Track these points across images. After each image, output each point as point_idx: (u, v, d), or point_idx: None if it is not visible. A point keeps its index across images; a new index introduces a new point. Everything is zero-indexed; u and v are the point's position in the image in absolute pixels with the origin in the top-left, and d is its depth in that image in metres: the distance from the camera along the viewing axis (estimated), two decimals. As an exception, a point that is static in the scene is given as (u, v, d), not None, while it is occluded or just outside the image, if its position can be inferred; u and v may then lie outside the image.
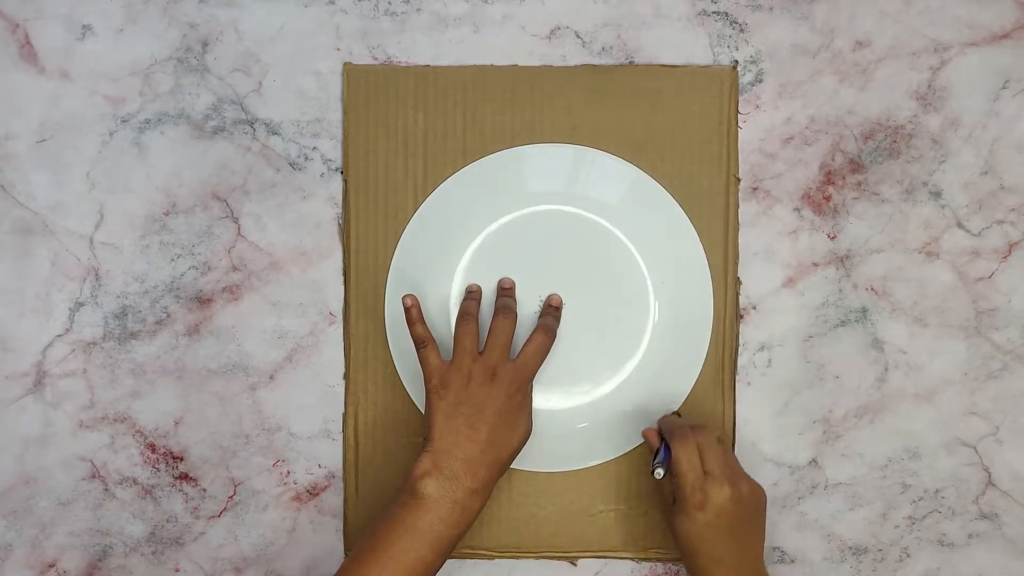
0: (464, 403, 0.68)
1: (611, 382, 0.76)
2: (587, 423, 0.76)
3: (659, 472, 0.68)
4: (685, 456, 0.67)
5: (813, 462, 0.76)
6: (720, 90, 0.75)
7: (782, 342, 0.76)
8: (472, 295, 0.74)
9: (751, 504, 0.68)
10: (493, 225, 0.76)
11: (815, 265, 0.76)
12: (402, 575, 0.65)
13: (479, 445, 0.67)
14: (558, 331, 0.74)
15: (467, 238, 0.75)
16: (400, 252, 0.75)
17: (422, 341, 0.69)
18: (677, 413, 0.75)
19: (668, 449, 0.69)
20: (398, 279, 0.75)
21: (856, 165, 0.76)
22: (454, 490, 0.66)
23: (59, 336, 0.76)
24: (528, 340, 0.71)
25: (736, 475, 0.68)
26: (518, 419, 0.70)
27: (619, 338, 0.76)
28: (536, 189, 0.75)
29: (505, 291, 0.75)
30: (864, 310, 0.76)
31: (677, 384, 0.76)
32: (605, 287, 0.75)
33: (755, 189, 0.76)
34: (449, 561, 0.75)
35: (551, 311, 0.75)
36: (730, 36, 0.76)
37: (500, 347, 0.70)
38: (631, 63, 0.76)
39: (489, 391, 0.69)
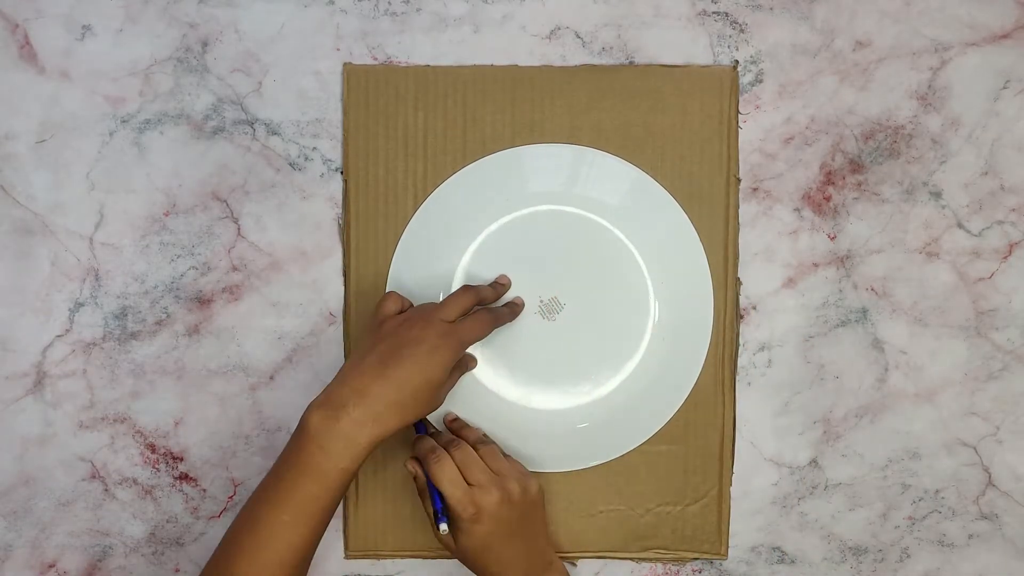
0: (385, 340, 0.67)
1: (611, 382, 0.76)
2: (587, 423, 0.76)
3: (443, 527, 0.68)
4: (446, 478, 0.67)
5: (813, 462, 0.76)
6: (720, 90, 0.75)
7: (782, 342, 0.76)
8: (495, 290, 0.74)
9: (523, 500, 0.69)
10: (493, 225, 0.75)
11: (815, 265, 0.76)
12: (293, 510, 0.64)
13: (376, 379, 0.65)
14: (558, 330, 0.75)
15: (467, 238, 0.75)
16: (400, 252, 0.75)
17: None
18: (430, 428, 0.74)
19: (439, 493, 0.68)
20: (398, 279, 0.75)
21: (856, 165, 0.76)
22: (337, 419, 0.63)
23: (59, 336, 0.76)
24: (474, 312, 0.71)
25: (502, 476, 0.69)
26: (430, 366, 0.66)
27: (619, 338, 0.76)
28: (536, 189, 0.75)
29: (501, 287, 0.75)
30: (864, 310, 0.76)
31: (677, 384, 0.76)
32: (605, 287, 0.75)
33: (755, 189, 0.76)
34: (451, 560, 0.75)
35: (509, 305, 0.75)
36: (730, 36, 0.76)
37: (453, 305, 0.69)
38: (631, 63, 0.76)
39: (412, 334, 0.67)
